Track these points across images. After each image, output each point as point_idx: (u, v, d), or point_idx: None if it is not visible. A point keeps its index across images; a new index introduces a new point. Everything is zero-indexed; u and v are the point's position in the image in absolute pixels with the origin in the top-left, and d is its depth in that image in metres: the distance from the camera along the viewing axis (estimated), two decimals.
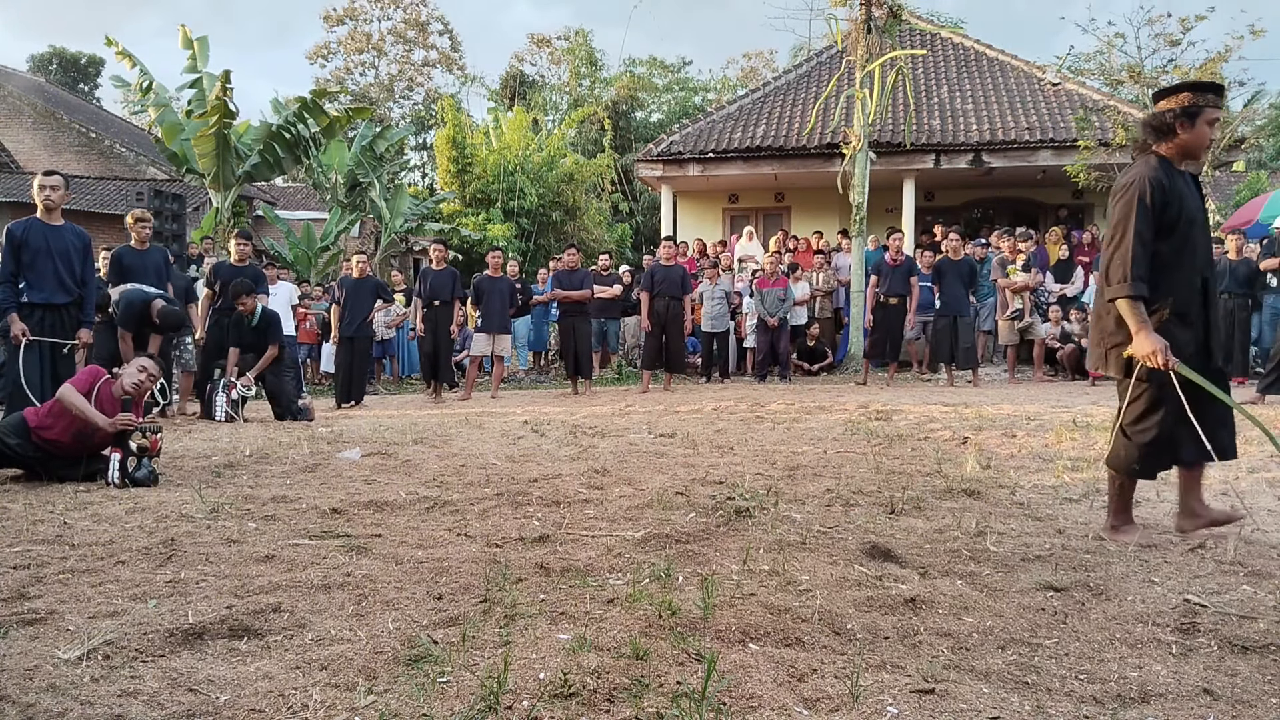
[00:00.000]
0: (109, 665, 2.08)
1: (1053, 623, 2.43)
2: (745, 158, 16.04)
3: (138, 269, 7.75)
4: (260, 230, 22.28)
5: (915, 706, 1.88)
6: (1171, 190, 3.15)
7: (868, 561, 3.01)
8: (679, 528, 3.43)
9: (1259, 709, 1.91)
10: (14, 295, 6.02)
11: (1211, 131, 3.21)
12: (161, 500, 4.06)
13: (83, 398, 4.58)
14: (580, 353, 10.76)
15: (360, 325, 10.06)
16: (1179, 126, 3.18)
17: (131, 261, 7.79)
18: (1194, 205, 3.21)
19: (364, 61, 38.25)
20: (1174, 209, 3.14)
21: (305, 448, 5.85)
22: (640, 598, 2.56)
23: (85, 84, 40.18)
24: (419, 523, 3.65)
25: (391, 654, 2.15)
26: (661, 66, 35.58)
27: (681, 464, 5.08)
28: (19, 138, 25.42)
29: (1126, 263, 3.12)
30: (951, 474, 4.56)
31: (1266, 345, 9.68)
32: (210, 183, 14.63)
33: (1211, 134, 3.21)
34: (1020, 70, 17.48)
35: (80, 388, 4.65)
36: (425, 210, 19.66)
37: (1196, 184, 3.35)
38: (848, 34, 13.86)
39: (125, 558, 3.03)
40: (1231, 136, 13.63)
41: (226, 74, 13.57)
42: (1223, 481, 4.37)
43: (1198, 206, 3.24)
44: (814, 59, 19.54)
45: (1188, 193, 3.22)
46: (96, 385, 4.69)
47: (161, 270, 7.93)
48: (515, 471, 4.87)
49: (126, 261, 7.79)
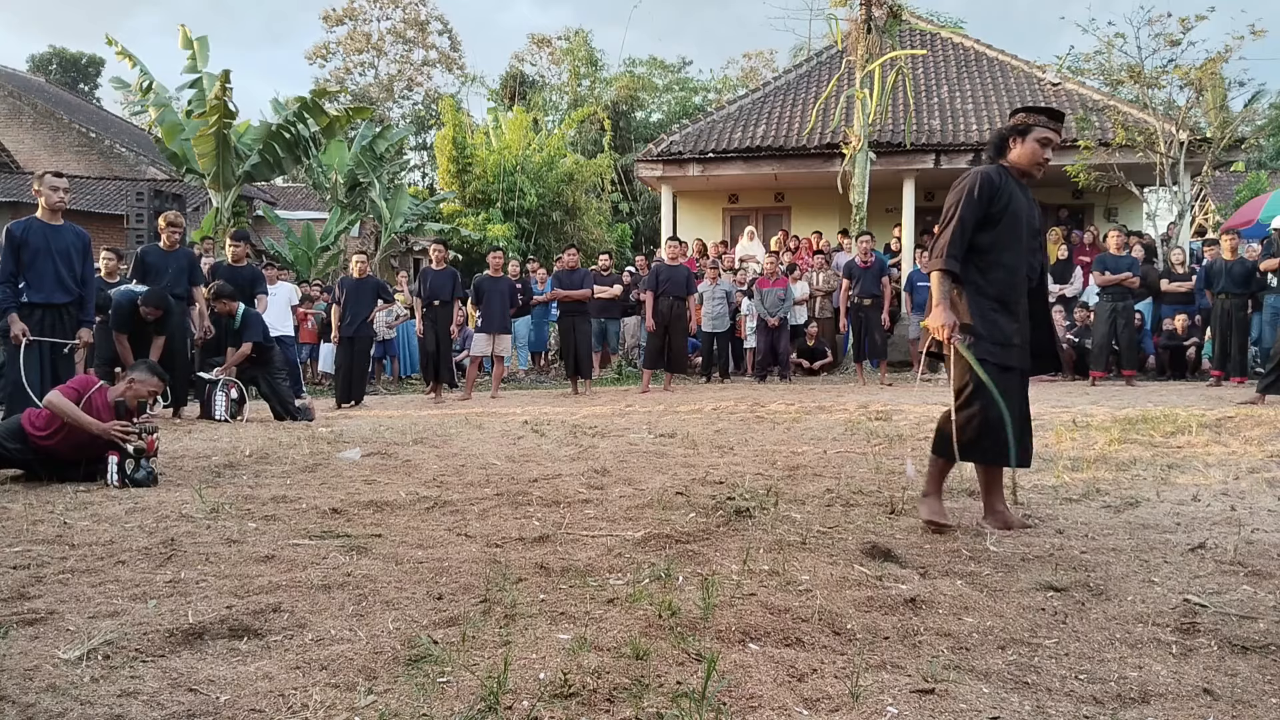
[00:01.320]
0: (109, 665, 2.08)
1: (1053, 623, 2.43)
2: (745, 158, 16.04)
3: (158, 269, 7.94)
4: (260, 230, 22.28)
5: (915, 706, 1.88)
6: (1001, 188, 3.47)
7: (868, 561, 3.01)
8: (679, 528, 3.43)
9: (1259, 709, 1.91)
10: (14, 295, 6.02)
11: (1044, 150, 3.50)
12: (161, 500, 4.06)
13: (71, 404, 4.55)
14: (580, 353, 10.76)
15: (360, 325, 10.06)
16: (1012, 142, 3.55)
17: (155, 261, 8.00)
18: (1022, 207, 3.51)
19: (363, 61, 38.27)
20: (1000, 203, 3.46)
21: (305, 448, 5.85)
22: (640, 598, 2.56)
23: (85, 84, 40.17)
24: (419, 523, 3.65)
25: (391, 654, 2.15)
26: (661, 66, 35.57)
27: (681, 464, 5.08)
28: (19, 138, 25.42)
29: (946, 242, 3.47)
30: (951, 474, 4.55)
31: (1267, 345, 9.68)
32: (210, 183, 14.64)
33: (1044, 152, 3.50)
34: (1020, 70, 17.48)
35: (69, 395, 4.61)
36: (425, 210, 19.65)
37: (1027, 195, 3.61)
38: (848, 34, 13.87)
39: (125, 558, 3.03)
40: (1231, 136, 13.62)
41: (226, 74, 13.57)
42: (1223, 481, 4.37)
43: (1028, 211, 3.53)
44: (814, 59, 19.54)
45: (1018, 195, 3.52)
46: (89, 394, 4.66)
47: (183, 273, 8.10)
48: (515, 471, 4.87)
49: (150, 260, 8.02)
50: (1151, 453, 5.22)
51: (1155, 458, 5.05)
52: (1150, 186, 14.99)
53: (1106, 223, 15.83)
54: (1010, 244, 3.47)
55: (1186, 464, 4.85)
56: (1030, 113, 3.55)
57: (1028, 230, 3.51)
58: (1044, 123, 3.50)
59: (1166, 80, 13.83)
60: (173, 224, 8.08)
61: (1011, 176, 3.54)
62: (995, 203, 3.46)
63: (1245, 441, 5.53)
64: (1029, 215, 3.53)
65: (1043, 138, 3.49)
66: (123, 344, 7.48)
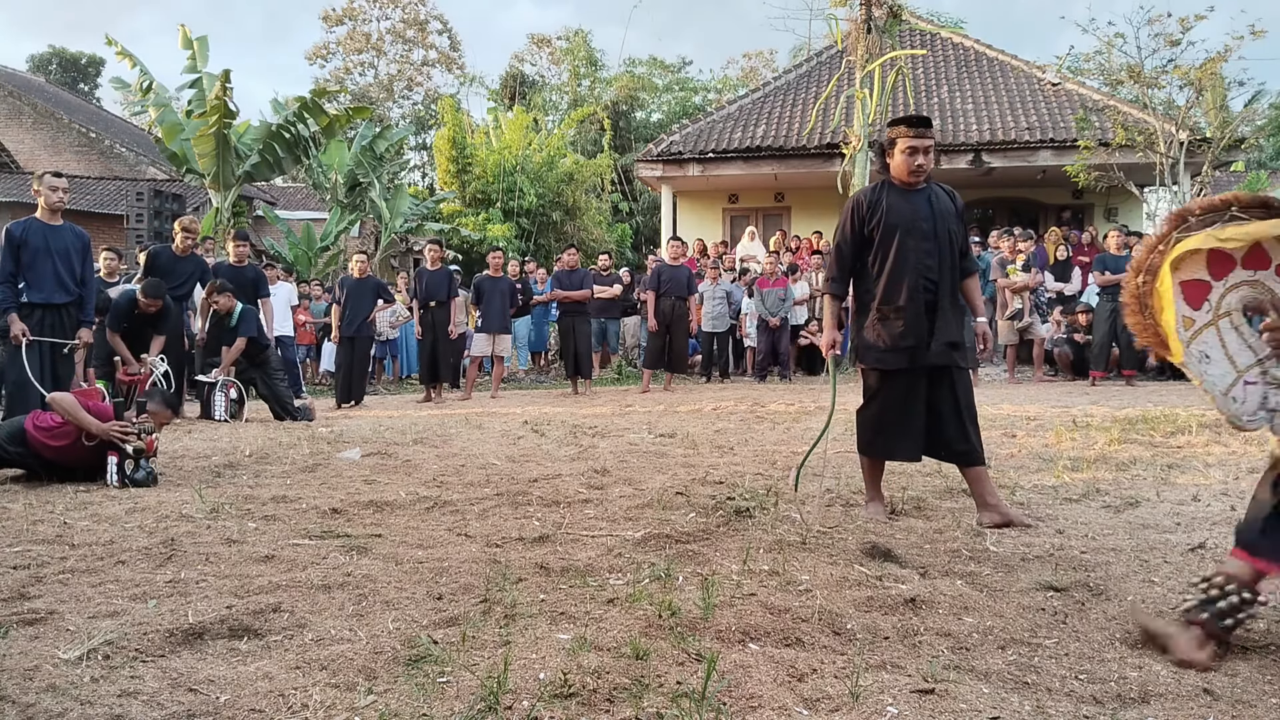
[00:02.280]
0: (109, 665, 2.08)
1: (1053, 623, 2.43)
2: (745, 158, 16.04)
3: (168, 272, 7.99)
4: (260, 230, 22.28)
5: (915, 706, 1.88)
6: (874, 205, 3.74)
7: (868, 561, 3.01)
8: (679, 528, 3.43)
9: (1259, 709, 1.91)
10: (14, 295, 6.02)
11: (913, 158, 3.66)
12: (161, 500, 4.06)
13: (73, 400, 4.59)
14: (580, 353, 10.76)
15: (360, 325, 10.06)
16: (885, 154, 3.78)
17: (165, 263, 8.06)
18: (907, 217, 3.69)
19: (363, 61, 38.23)
20: (875, 220, 3.73)
21: (305, 448, 5.85)
22: (640, 598, 2.56)
23: (85, 84, 40.16)
24: (419, 523, 3.65)
25: (391, 654, 2.15)
26: (661, 66, 35.54)
27: (681, 464, 5.08)
28: (19, 138, 25.41)
29: (830, 266, 3.95)
30: (951, 474, 4.55)
31: None
32: (210, 183, 14.63)
33: (914, 160, 3.66)
34: (1020, 70, 17.48)
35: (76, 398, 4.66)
36: (425, 210, 19.64)
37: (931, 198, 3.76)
38: (848, 34, 13.86)
39: (125, 558, 3.03)
40: (1231, 136, 13.62)
41: (226, 74, 13.57)
42: (1222, 481, 4.37)
43: (915, 217, 3.69)
44: (814, 59, 19.53)
45: (899, 205, 3.72)
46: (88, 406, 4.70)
47: (192, 278, 8.18)
48: (515, 471, 4.87)
49: (160, 262, 8.07)
50: (1151, 453, 5.22)
51: (1155, 458, 5.05)
52: (1150, 186, 15.00)
53: (1106, 223, 15.82)
54: (891, 253, 3.69)
55: (1186, 464, 4.85)
56: (893, 125, 3.75)
57: (916, 235, 3.69)
58: (903, 133, 3.68)
59: (1166, 80, 13.83)
60: (188, 229, 8.10)
61: (896, 187, 3.75)
62: (868, 222, 3.74)
63: (1245, 441, 5.53)
64: (914, 221, 3.70)
65: (907, 147, 3.66)
66: (117, 341, 7.48)
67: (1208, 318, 2.31)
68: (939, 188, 3.82)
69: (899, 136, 3.68)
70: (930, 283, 3.67)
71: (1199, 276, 2.32)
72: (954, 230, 3.74)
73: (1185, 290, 2.33)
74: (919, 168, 3.67)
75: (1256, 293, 2.29)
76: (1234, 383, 2.28)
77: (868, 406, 3.81)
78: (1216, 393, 2.30)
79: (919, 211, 3.70)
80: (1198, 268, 2.32)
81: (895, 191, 3.74)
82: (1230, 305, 2.30)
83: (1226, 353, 2.30)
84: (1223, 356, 2.30)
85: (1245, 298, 2.30)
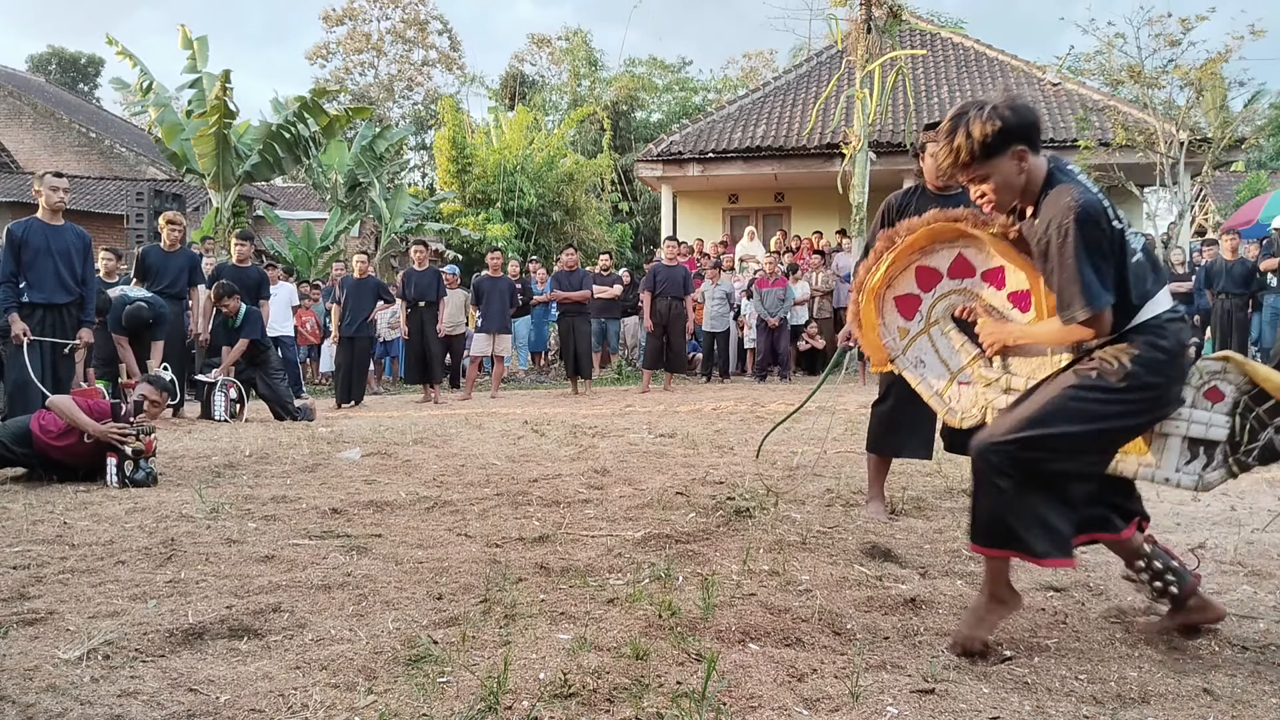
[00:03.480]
0: (109, 665, 2.08)
1: (1053, 623, 2.43)
2: (745, 158, 16.04)
3: (159, 270, 7.99)
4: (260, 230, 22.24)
5: (915, 706, 1.88)
6: (902, 208, 3.79)
7: (868, 561, 3.01)
8: (679, 528, 3.43)
9: (1259, 709, 1.91)
10: (15, 295, 6.02)
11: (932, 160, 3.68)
12: (161, 500, 4.06)
13: (72, 403, 4.59)
14: (580, 353, 10.76)
15: (360, 325, 10.06)
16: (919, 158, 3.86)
17: (155, 261, 8.05)
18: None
19: (363, 61, 38.24)
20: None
21: (305, 448, 5.85)
22: (640, 598, 2.56)
23: (85, 84, 40.15)
24: (419, 523, 3.65)
25: (391, 654, 2.15)
26: (661, 66, 35.51)
27: (681, 464, 5.08)
28: (19, 138, 25.40)
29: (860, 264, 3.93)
30: (951, 474, 4.55)
31: (1267, 345, 9.69)
32: (210, 183, 14.63)
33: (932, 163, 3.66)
34: (1020, 70, 17.48)
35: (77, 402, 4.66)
36: (425, 210, 19.64)
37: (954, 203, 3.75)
38: (848, 34, 13.85)
39: (125, 558, 3.03)
40: (1231, 136, 13.63)
41: (226, 74, 13.56)
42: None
43: None
44: (814, 59, 19.54)
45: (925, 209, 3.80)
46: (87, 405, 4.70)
47: (182, 273, 8.13)
48: (515, 471, 4.87)
49: (150, 261, 8.07)
50: None
51: None
52: (1150, 186, 15.00)
53: None
54: None
55: None
56: (925, 130, 3.83)
57: None
58: (930, 137, 3.70)
59: (1166, 80, 13.83)
60: (172, 222, 8.12)
61: (928, 191, 3.81)
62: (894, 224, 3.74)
63: None
64: None
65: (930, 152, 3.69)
66: (124, 347, 7.49)
67: (920, 326, 2.51)
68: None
69: (928, 141, 3.72)
70: None
71: (910, 291, 2.53)
72: None
73: (899, 304, 2.54)
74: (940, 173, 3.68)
75: (964, 299, 2.46)
76: (948, 384, 2.46)
77: (881, 403, 3.81)
78: (932, 394, 2.48)
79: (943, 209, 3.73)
80: (908, 283, 2.54)
81: (926, 195, 3.79)
82: (939, 314, 2.50)
83: (940, 357, 2.49)
84: (936, 361, 2.49)
85: (953, 305, 2.48)
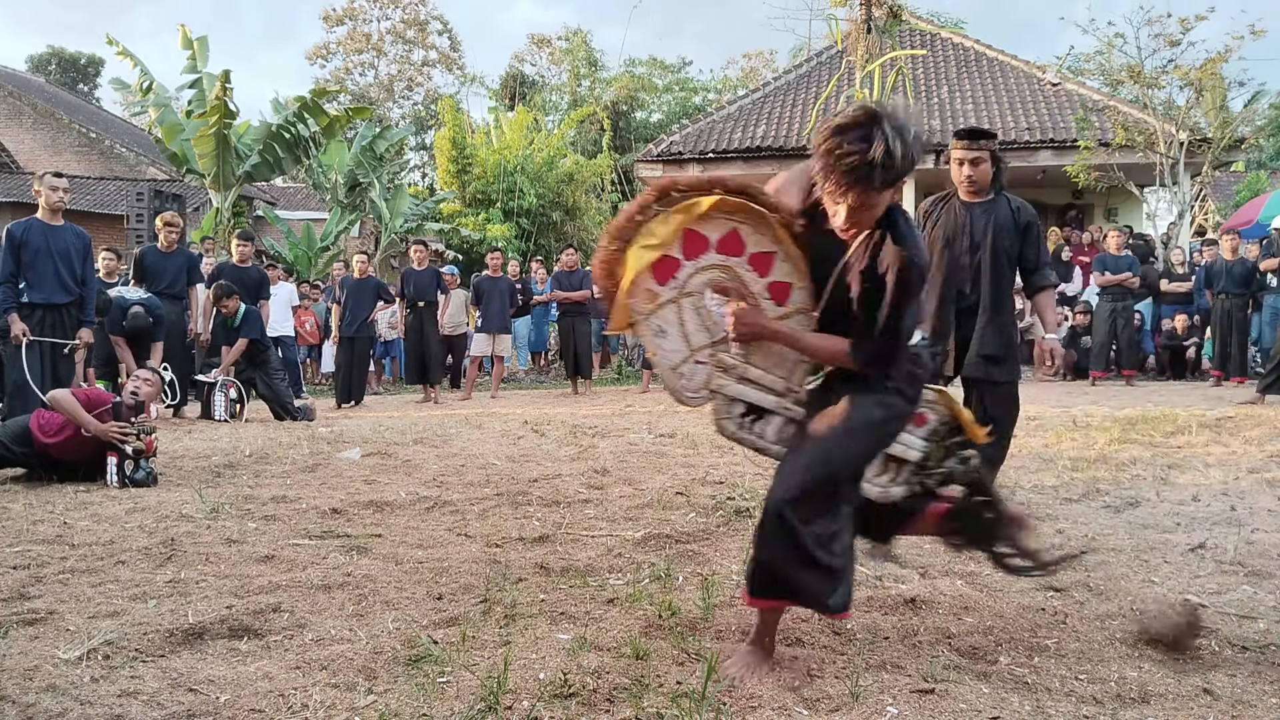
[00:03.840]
0: (109, 665, 2.08)
1: (1053, 623, 2.43)
2: (745, 158, 16.02)
3: (157, 271, 7.97)
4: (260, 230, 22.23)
5: (915, 706, 1.88)
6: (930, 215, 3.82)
7: (868, 561, 3.00)
8: (679, 528, 3.43)
9: (1259, 709, 1.91)
10: (14, 295, 6.03)
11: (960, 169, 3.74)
12: (161, 500, 4.06)
13: (74, 400, 4.58)
14: (580, 353, 10.76)
15: (360, 325, 10.06)
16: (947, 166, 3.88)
17: (153, 263, 8.03)
18: (953, 227, 3.75)
19: (364, 62, 38.22)
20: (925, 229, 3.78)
21: (305, 448, 5.85)
22: (640, 598, 2.56)
23: (85, 84, 40.15)
24: (419, 523, 3.65)
25: (391, 654, 2.15)
26: (661, 66, 35.51)
27: (681, 464, 5.08)
28: (19, 138, 25.39)
29: None
30: None
31: (1267, 345, 9.69)
32: (210, 183, 14.63)
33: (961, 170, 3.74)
34: (1020, 70, 17.46)
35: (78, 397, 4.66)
36: (425, 210, 19.63)
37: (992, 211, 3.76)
38: (848, 34, 13.88)
39: (125, 558, 3.03)
40: (1231, 136, 13.62)
41: (226, 74, 13.56)
42: (1223, 481, 4.37)
43: (963, 228, 3.74)
44: (814, 59, 19.51)
45: (951, 217, 3.78)
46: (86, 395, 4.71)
47: (181, 275, 8.12)
48: (515, 471, 4.87)
49: (148, 262, 8.05)
50: (1151, 453, 5.22)
51: (1155, 458, 5.05)
52: (1150, 186, 14.98)
53: (1106, 223, 15.82)
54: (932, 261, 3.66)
55: (1186, 464, 4.85)
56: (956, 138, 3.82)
57: (958, 245, 3.74)
58: (954, 144, 3.76)
59: (1166, 80, 13.81)
60: (169, 224, 8.09)
61: (958, 198, 3.80)
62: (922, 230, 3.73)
63: (1245, 441, 5.53)
64: (960, 232, 3.74)
65: (956, 159, 3.74)
66: (122, 347, 7.48)
67: (672, 294, 2.29)
68: (1007, 200, 3.79)
69: (953, 149, 3.75)
70: (962, 294, 3.71)
71: (671, 253, 2.26)
72: (1007, 245, 3.74)
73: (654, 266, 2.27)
74: (968, 179, 3.71)
75: (726, 277, 2.28)
76: (684, 360, 2.30)
77: None
78: (666, 367, 2.31)
79: (971, 224, 3.74)
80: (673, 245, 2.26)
81: (955, 202, 3.80)
82: (696, 286, 2.29)
83: (684, 331, 2.31)
84: (679, 334, 2.31)
85: (712, 280, 2.28)
